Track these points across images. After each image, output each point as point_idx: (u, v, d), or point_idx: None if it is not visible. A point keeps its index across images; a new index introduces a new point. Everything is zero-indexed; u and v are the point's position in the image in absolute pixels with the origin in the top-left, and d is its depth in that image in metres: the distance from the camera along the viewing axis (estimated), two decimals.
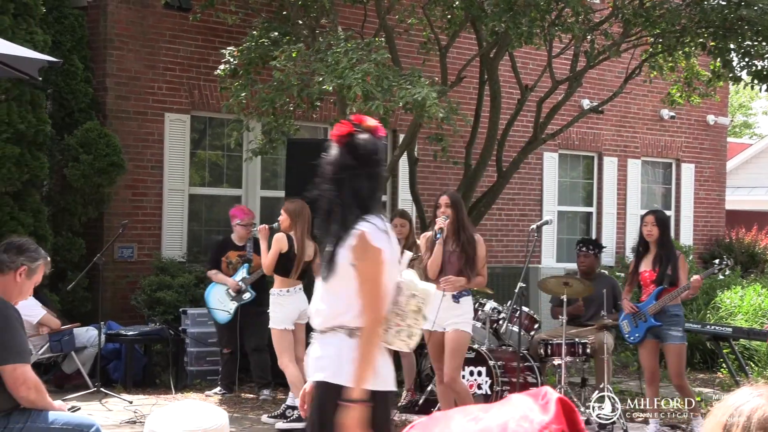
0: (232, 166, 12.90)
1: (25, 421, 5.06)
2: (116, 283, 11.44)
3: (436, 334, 7.71)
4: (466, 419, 1.69)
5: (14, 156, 10.28)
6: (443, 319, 7.61)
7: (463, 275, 7.63)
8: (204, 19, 11.71)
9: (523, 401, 1.66)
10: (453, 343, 7.63)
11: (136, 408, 9.15)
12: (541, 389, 1.69)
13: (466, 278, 7.64)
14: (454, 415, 1.71)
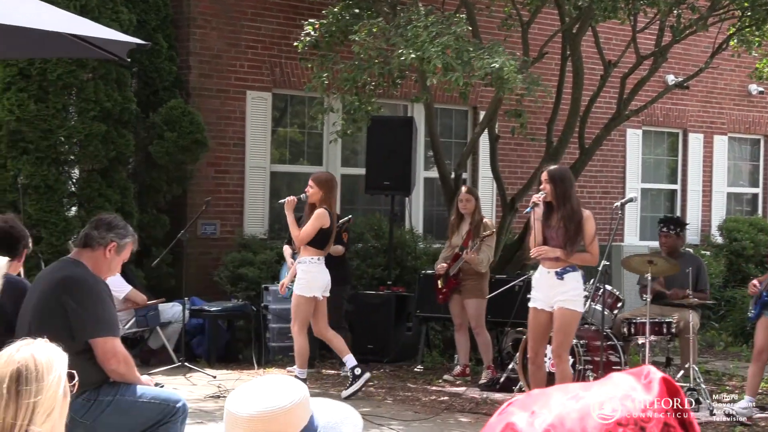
0: (313, 144, 12.95)
1: (114, 394, 5.15)
2: (199, 260, 11.57)
3: (541, 313, 7.51)
4: (566, 397, 1.66)
5: (101, 134, 10.46)
6: (550, 298, 7.43)
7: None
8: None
9: (625, 380, 1.62)
10: (558, 322, 7.46)
11: (219, 383, 9.27)
12: (643, 368, 1.65)
13: (565, 252, 7.43)
14: (553, 393, 1.68)
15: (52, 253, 9.69)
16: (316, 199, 8.82)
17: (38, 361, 2.81)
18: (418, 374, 10.21)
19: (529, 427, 1.59)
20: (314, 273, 8.74)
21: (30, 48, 6.31)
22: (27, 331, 4.82)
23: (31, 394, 2.77)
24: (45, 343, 2.87)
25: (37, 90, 10.25)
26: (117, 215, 5.58)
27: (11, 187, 10.22)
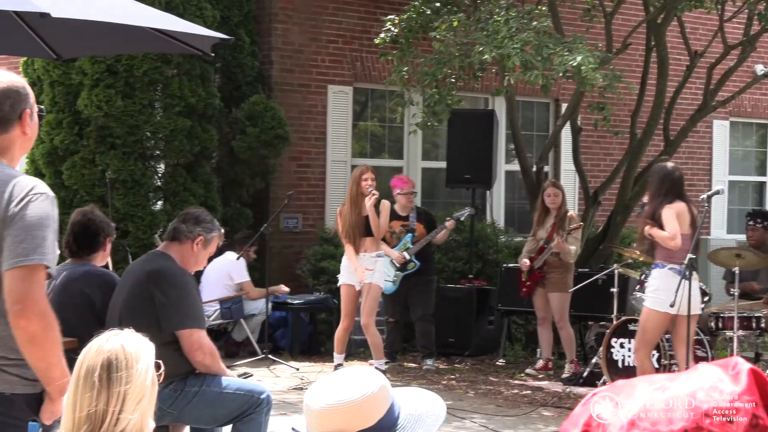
0: (393, 138, 12.98)
1: (200, 385, 5.23)
2: (282, 253, 11.68)
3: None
4: (652, 388, 1.65)
5: (186, 129, 10.63)
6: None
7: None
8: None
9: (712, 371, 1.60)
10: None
11: (302, 375, 9.36)
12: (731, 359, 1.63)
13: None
14: (638, 384, 1.67)
15: (138, 246, 9.88)
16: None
17: (127, 351, 2.87)
18: (500, 368, 10.18)
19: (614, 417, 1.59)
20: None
21: (117, 44, 6.42)
22: (117, 322, 4.91)
23: (121, 383, 2.83)
24: (133, 334, 2.94)
25: (124, 86, 10.45)
26: (204, 209, 5.66)
27: (99, 182, 10.44)
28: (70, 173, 10.47)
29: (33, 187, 3.28)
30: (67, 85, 10.54)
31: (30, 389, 3.31)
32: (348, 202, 9.12)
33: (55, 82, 10.51)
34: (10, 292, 3.17)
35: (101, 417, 2.81)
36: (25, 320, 3.17)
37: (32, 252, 3.18)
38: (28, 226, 3.20)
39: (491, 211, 12.88)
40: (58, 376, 3.20)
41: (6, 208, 3.22)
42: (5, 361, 3.26)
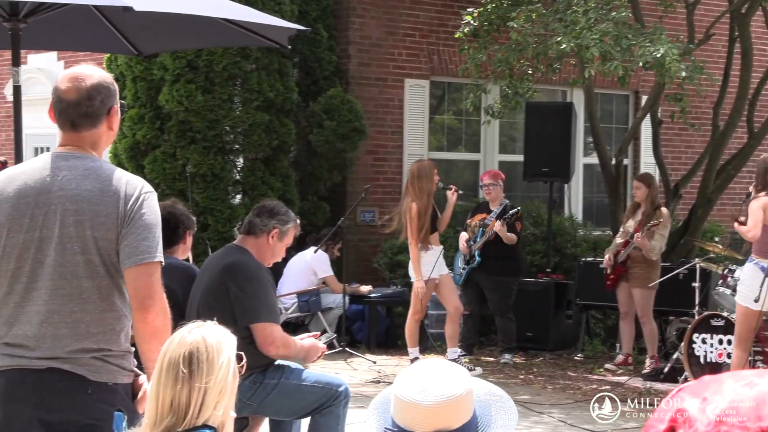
0: (470, 131, 12.94)
1: (279, 378, 5.26)
2: (359, 246, 11.72)
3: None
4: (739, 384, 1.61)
5: (264, 123, 10.72)
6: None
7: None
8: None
9: None
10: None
11: (379, 368, 9.39)
12: None
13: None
14: (726, 380, 1.63)
15: (218, 239, 10.00)
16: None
17: (209, 343, 2.90)
18: (579, 363, 10.09)
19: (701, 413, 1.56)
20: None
21: (196, 39, 6.50)
22: (196, 314, 4.97)
23: (202, 375, 2.86)
24: (215, 326, 2.96)
25: (204, 81, 10.57)
26: (279, 202, 5.68)
27: (180, 176, 10.59)
28: (152, 167, 10.63)
29: (143, 185, 3.38)
30: (149, 80, 10.71)
31: (127, 379, 3.40)
32: (425, 197, 9.03)
33: (138, 77, 10.68)
34: (137, 288, 3.27)
35: (184, 408, 2.84)
36: (153, 315, 3.27)
37: (154, 249, 3.30)
38: (147, 226, 3.30)
39: (569, 205, 12.77)
40: None
41: (123, 206, 3.30)
42: (108, 353, 3.34)
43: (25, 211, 3.34)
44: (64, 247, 3.30)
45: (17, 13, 5.05)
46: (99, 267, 3.30)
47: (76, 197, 3.31)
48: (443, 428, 2.48)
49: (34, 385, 3.30)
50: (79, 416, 3.28)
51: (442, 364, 2.64)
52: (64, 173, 3.34)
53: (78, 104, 3.38)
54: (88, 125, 3.40)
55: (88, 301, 3.31)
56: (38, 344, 3.32)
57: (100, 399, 3.29)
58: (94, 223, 3.29)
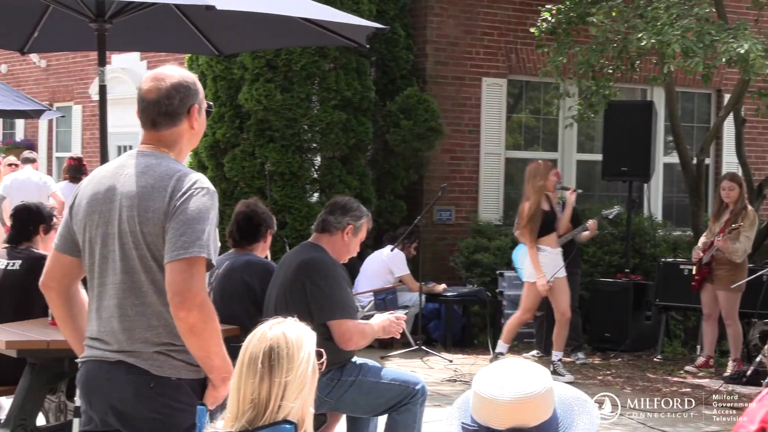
0: (547, 130, 12.84)
1: (356, 375, 5.27)
2: (435, 245, 11.70)
3: None
4: None
5: (341, 122, 10.76)
6: None
7: None
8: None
9: None
10: None
11: (456, 367, 9.36)
12: None
13: None
14: None
15: (295, 237, 10.05)
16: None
17: (289, 339, 2.91)
18: (658, 364, 9.93)
19: None
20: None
21: (275, 38, 6.53)
22: (273, 310, 5.01)
23: (282, 370, 2.87)
24: (295, 322, 2.98)
25: (283, 80, 10.64)
26: (350, 198, 5.66)
27: (258, 174, 10.67)
28: (231, 165, 10.74)
29: (196, 181, 3.35)
30: (228, 79, 10.82)
31: (194, 374, 3.39)
32: (536, 197, 8.89)
33: (218, 77, 10.80)
34: (171, 283, 3.26)
35: (265, 403, 2.86)
36: (185, 311, 3.24)
37: (192, 245, 3.25)
38: (189, 220, 3.27)
39: (649, 205, 12.59)
40: (218, 365, 3.28)
41: (169, 201, 3.30)
42: (172, 347, 3.36)
43: (95, 208, 3.41)
44: (123, 242, 3.35)
45: (103, 14, 5.14)
46: (151, 262, 3.33)
47: (131, 193, 3.35)
48: (520, 425, 2.48)
49: (106, 376, 3.37)
50: (143, 409, 3.33)
51: (523, 362, 2.64)
52: (128, 171, 3.39)
53: (158, 103, 3.42)
54: (168, 124, 3.43)
55: (147, 295, 3.35)
56: (109, 338, 3.39)
57: (162, 394, 3.33)
58: (143, 219, 3.32)
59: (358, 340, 5.17)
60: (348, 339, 5.14)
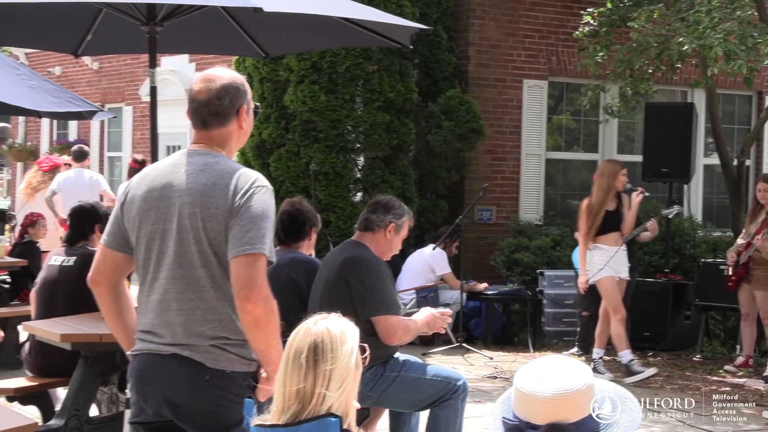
0: (588, 131, 12.77)
1: (399, 371, 5.27)
2: (476, 244, 11.68)
3: None
4: None
5: (384, 123, 10.77)
6: None
7: None
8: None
9: None
10: None
11: (496, 364, 9.33)
12: None
13: None
14: None
15: (339, 235, 10.08)
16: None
17: (332, 334, 2.93)
18: (697, 363, 9.84)
19: None
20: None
21: (320, 40, 6.56)
22: (317, 306, 5.02)
23: (326, 364, 2.89)
24: (339, 318, 3.00)
25: (328, 82, 10.67)
26: (391, 196, 5.66)
27: (303, 174, 10.71)
28: (277, 165, 10.79)
29: (255, 179, 3.39)
30: (274, 81, 10.87)
31: (246, 368, 3.43)
32: (601, 195, 8.77)
33: (264, 78, 10.86)
34: (237, 278, 3.30)
35: (309, 395, 2.89)
36: (252, 305, 3.28)
37: (256, 241, 3.29)
38: (253, 217, 3.31)
39: (689, 206, 12.49)
40: (276, 358, 3.30)
41: (232, 199, 3.33)
42: (226, 341, 3.39)
43: (151, 204, 3.43)
44: (181, 238, 3.38)
45: (154, 17, 5.18)
46: (211, 257, 3.36)
47: (191, 191, 3.38)
48: (560, 420, 2.48)
49: (160, 369, 3.40)
50: (198, 401, 3.35)
51: (564, 359, 2.64)
52: (186, 169, 3.42)
53: (208, 104, 3.46)
54: (218, 124, 3.47)
55: (204, 290, 3.37)
56: (163, 331, 3.41)
57: (217, 386, 3.35)
58: (205, 215, 3.35)
59: (402, 335, 5.17)
60: (392, 334, 5.14)
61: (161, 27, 5.21)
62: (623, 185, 8.86)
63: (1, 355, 8.73)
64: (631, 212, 8.90)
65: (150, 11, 5.18)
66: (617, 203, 8.88)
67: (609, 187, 8.80)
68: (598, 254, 8.79)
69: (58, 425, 5.26)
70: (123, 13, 5.21)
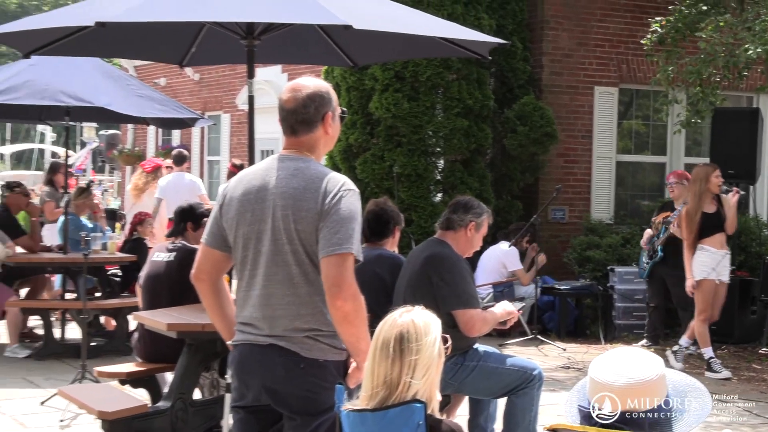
0: (656, 135, 12.58)
1: (478, 360, 5.25)
2: (549, 242, 11.57)
3: None
4: None
5: (463, 128, 10.73)
6: None
7: None
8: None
9: None
10: None
11: (569, 355, 9.23)
12: None
13: None
14: None
15: (421, 234, 10.07)
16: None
17: (417, 325, 2.94)
18: (763, 356, 9.61)
19: None
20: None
21: (405, 51, 6.54)
22: (402, 300, 5.03)
23: (411, 353, 2.90)
24: (422, 310, 3.00)
25: (410, 90, 10.67)
26: (471, 196, 5.64)
27: (387, 176, 10.73)
28: (362, 168, 10.82)
29: (343, 183, 3.41)
30: (360, 89, 10.90)
31: (337, 357, 3.46)
32: (695, 200, 8.57)
33: (351, 87, 10.90)
34: (327, 276, 3.32)
35: (396, 383, 2.89)
36: (341, 301, 3.30)
37: (345, 242, 3.31)
38: (341, 219, 3.33)
39: (755, 205, 12.19)
40: (365, 349, 3.31)
41: (321, 202, 3.35)
42: (319, 332, 3.42)
43: (247, 206, 3.46)
44: (275, 237, 3.40)
45: (252, 32, 5.23)
46: (303, 256, 3.37)
47: (284, 194, 3.40)
48: (633, 409, 2.46)
49: (259, 358, 3.43)
50: (295, 388, 3.38)
51: (637, 351, 2.62)
52: (279, 173, 3.44)
53: (295, 112, 3.48)
54: (305, 130, 3.49)
55: (298, 286, 3.39)
56: (261, 323, 3.44)
57: (312, 373, 3.38)
58: (297, 217, 3.37)
59: (481, 327, 5.16)
60: (471, 326, 5.13)
61: (259, 41, 5.26)
62: (718, 187, 8.62)
63: (114, 342, 8.94)
64: (730, 212, 8.61)
65: (249, 27, 5.23)
66: (717, 205, 8.62)
67: (701, 191, 8.57)
68: (703, 256, 8.56)
69: (165, 407, 5.35)
70: (225, 28, 5.28)
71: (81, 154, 25.09)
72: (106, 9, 5.00)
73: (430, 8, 10.01)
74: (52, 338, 8.87)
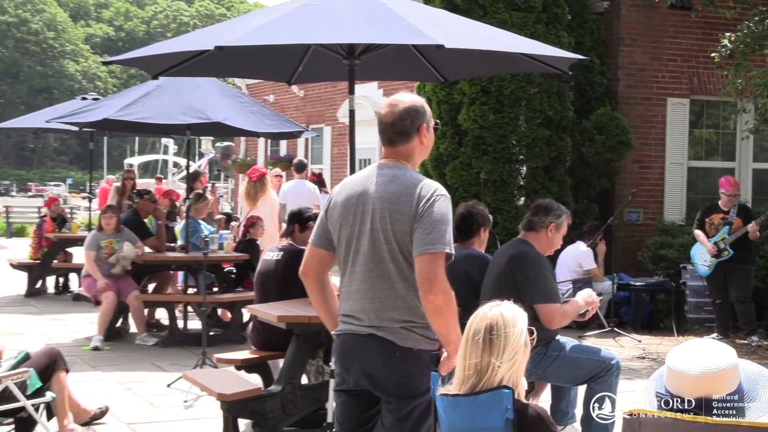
0: (725, 142, 12.27)
1: (560, 351, 5.20)
2: (625, 242, 11.39)
3: None
4: None
5: (544, 137, 10.63)
6: None
7: None
8: (704, 15, 11.19)
9: None
10: None
11: (644, 346, 9.06)
12: None
13: None
14: None
15: (505, 235, 10.00)
16: None
17: (505, 317, 2.94)
18: None
19: None
20: None
21: (491, 67, 6.51)
22: (488, 296, 4.99)
23: (500, 343, 2.90)
24: (511, 304, 3.00)
25: (495, 103, 10.62)
26: (550, 199, 5.58)
27: (474, 182, 10.69)
28: (452, 175, 10.81)
29: (436, 189, 3.42)
30: (450, 103, 10.89)
31: (430, 346, 3.46)
32: None
33: (441, 101, 10.90)
34: (420, 273, 3.33)
35: (485, 370, 2.89)
36: (433, 295, 3.31)
37: (437, 242, 3.32)
38: (435, 221, 3.34)
39: None
40: (455, 339, 3.31)
41: (416, 206, 3.37)
42: (413, 324, 3.43)
43: (350, 209, 3.49)
44: (374, 238, 3.43)
45: (353, 52, 5.28)
46: (398, 255, 3.39)
47: (382, 198, 3.42)
48: (707, 395, 2.43)
49: (359, 347, 3.46)
50: (391, 374, 3.40)
51: (711, 342, 2.59)
52: (378, 180, 3.47)
53: (393, 125, 3.50)
54: (402, 141, 3.50)
55: (394, 282, 3.41)
56: (361, 315, 3.47)
57: (406, 361, 3.39)
58: (393, 219, 3.39)
59: (561, 320, 5.11)
60: (552, 319, 5.08)
61: (359, 60, 5.30)
62: None
63: (230, 332, 9.11)
64: None
65: (350, 48, 5.28)
66: None
67: None
68: None
69: (276, 390, 5.42)
70: (329, 50, 5.33)
71: (200, 163, 25.67)
72: (223, 34, 5.11)
73: (514, 28, 9.94)
74: (176, 328, 9.09)
